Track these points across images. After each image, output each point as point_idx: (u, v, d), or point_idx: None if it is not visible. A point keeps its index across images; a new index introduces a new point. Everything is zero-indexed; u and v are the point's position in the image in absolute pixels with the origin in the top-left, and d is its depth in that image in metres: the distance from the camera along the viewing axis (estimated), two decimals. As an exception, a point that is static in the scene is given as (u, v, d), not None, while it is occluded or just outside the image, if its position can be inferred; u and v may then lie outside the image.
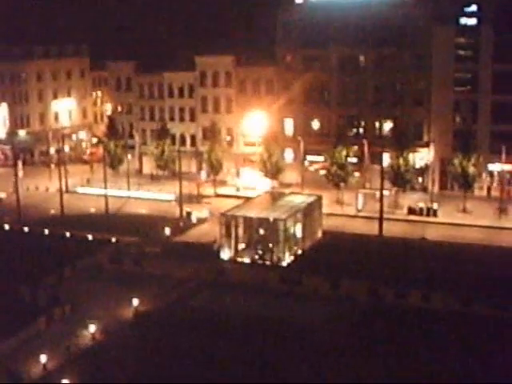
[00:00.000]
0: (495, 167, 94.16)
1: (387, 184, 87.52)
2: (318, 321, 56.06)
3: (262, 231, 72.07)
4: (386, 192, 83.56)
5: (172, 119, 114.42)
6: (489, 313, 56.84)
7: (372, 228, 77.27)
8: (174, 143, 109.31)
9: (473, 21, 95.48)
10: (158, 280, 64.71)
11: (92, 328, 53.06)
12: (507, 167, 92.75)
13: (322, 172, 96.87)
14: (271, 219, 71.38)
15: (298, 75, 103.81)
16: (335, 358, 49.46)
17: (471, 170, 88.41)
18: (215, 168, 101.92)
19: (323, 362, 48.99)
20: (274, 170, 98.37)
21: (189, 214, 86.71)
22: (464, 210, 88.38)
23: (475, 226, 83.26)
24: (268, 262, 70.03)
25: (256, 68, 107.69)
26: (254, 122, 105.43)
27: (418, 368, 48.16)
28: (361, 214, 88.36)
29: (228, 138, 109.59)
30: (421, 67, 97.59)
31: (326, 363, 48.77)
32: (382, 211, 72.62)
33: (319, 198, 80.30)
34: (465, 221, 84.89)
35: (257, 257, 70.66)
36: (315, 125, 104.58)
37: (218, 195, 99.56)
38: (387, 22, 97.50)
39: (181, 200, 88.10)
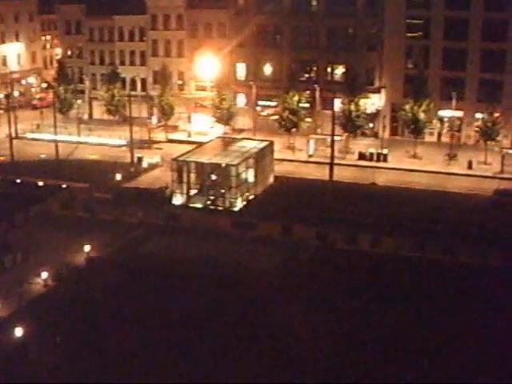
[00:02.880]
0: (446, 113, 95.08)
1: (338, 129, 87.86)
2: (270, 265, 56.73)
3: (214, 177, 72.18)
4: (337, 137, 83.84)
5: (122, 63, 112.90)
6: (438, 257, 58.01)
7: (323, 173, 77.81)
8: (124, 88, 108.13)
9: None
10: (110, 226, 64.58)
11: (44, 275, 52.93)
12: (457, 113, 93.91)
13: (274, 117, 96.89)
14: (223, 164, 71.43)
15: (251, 19, 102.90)
16: (286, 301, 50.11)
17: (422, 115, 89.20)
18: (166, 113, 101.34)
19: (274, 303, 49.63)
20: (225, 116, 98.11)
21: (140, 159, 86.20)
22: (414, 156, 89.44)
23: (425, 171, 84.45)
24: (220, 208, 70.31)
25: (208, 11, 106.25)
26: (206, 66, 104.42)
27: (368, 310, 49.14)
28: (312, 159, 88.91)
29: (179, 83, 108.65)
30: (373, 12, 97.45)
31: (276, 305, 49.39)
32: (332, 156, 72.97)
33: (271, 144, 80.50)
34: (414, 166, 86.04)
35: (209, 202, 70.84)
36: (267, 69, 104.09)
37: (169, 140, 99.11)
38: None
39: (132, 145, 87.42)
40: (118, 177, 79.63)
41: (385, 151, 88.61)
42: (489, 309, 49.15)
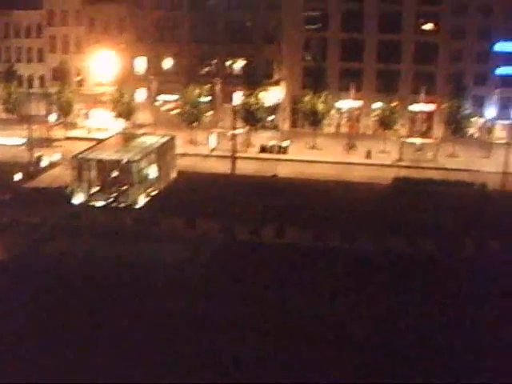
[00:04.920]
0: (344, 104, 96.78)
1: (240, 123, 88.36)
2: (174, 260, 56.57)
3: (115, 173, 71.44)
4: (238, 131, 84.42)
5: (19, 60, 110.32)
6: (340, 246, 59.07)
7: (225, 167, 78.09)
8: (21, 85, 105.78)
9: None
10: (9, 227, 63.15)
11: None
12: (356, 104, 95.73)
13: (175, 112, 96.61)
14: (124, 161, 70.79)
15: (149, 12, 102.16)
16: (191, 295, 50.11)
17: (321, 107, 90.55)
18: (65, 110, 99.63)
19: (179, 299, 49.55)
20: (125, 111, 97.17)
21: (39, 158, 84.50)
22: (314, 147, 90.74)
23: (325, 162, 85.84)
24: (122, 205, 69.68)
25: (106, 6, 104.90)
26: (106, 62, 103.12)
27: (274, 300, 49.60)
28: (214, 153, 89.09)
29: (78, 79, 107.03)
30: (272, 5, 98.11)
31: (179, 300, 49.31)
32: (234, 150, 73.47)
33: (172, 139, 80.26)
34: (315, 157, 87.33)
35: (110, 200, 70.12)
36: (168, 64, 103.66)
37: (68, 138, 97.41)
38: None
39: (31, 144, 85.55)
40: (17, 177, 77.86)
41: (285, 143, 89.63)
42: (390, 293, 50.55)
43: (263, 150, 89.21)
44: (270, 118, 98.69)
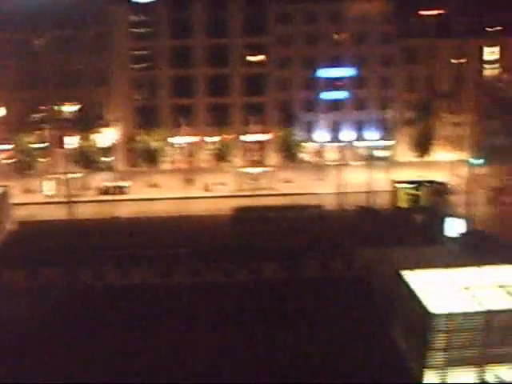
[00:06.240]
0: (178, 140, 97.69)
1: (76, 167, 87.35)
2: (17, 313, 54.86)
3: None
4: (75, 175, 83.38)
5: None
6: (189, 280, 59.63)
7: (65, 213, 76.84)
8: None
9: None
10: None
11: None
12: (189, 139, 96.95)
13: (9, 161, 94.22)
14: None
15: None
16: (35, 347, 48.96)
17: (155, 144, 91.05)
18: None
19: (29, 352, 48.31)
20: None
21: None
22: (153, 185, 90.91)
23: (165, 198, 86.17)
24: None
25: None
26: None
27: (116, 343, 49.26)
28: (52, 199, 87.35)
29: None
30: (101, 47, 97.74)
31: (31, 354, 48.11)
32: (71, 195, 72.70)
33: (6, 189, 78.17)
34: (154, 195, 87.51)
35: None
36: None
37: None
38: (64, 2, 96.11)
39: None
40: None
41: (124, 183, 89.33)
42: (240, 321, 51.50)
43: (102, 191, 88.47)
44: (106, 160, 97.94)
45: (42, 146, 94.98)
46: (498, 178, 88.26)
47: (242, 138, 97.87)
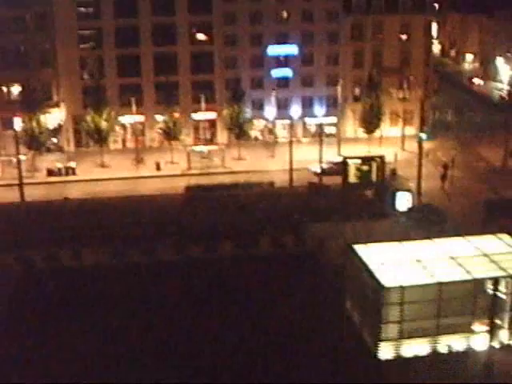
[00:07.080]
0: (127, 119, 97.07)
1: (23, 148, 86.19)
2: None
3: None
4: (22, 157, 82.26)
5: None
6: (141, 260, 59.72)
7: (14, 195, 75.94)
8: None
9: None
10: None
11: None
12: (138, 118, 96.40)
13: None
14: None
15: None
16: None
17: (104, 124, 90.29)
18: None
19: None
20: None
21: None
22: (102, 165, 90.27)
23: (115, 178, 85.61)
24: None
25: None
26: None
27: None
28: (0, 182, 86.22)
29: None
30: (44, 27, 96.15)
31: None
32: (20, 177, 71.72)
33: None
34: (104, 175, 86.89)
35: None
36: None
37: None
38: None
39: None
40: None
41: (72, 164, 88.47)
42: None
43: (51, 173, 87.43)
44: (54, 141, 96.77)
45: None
46: (446, 152, 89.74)
47: (192, 116, 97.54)
